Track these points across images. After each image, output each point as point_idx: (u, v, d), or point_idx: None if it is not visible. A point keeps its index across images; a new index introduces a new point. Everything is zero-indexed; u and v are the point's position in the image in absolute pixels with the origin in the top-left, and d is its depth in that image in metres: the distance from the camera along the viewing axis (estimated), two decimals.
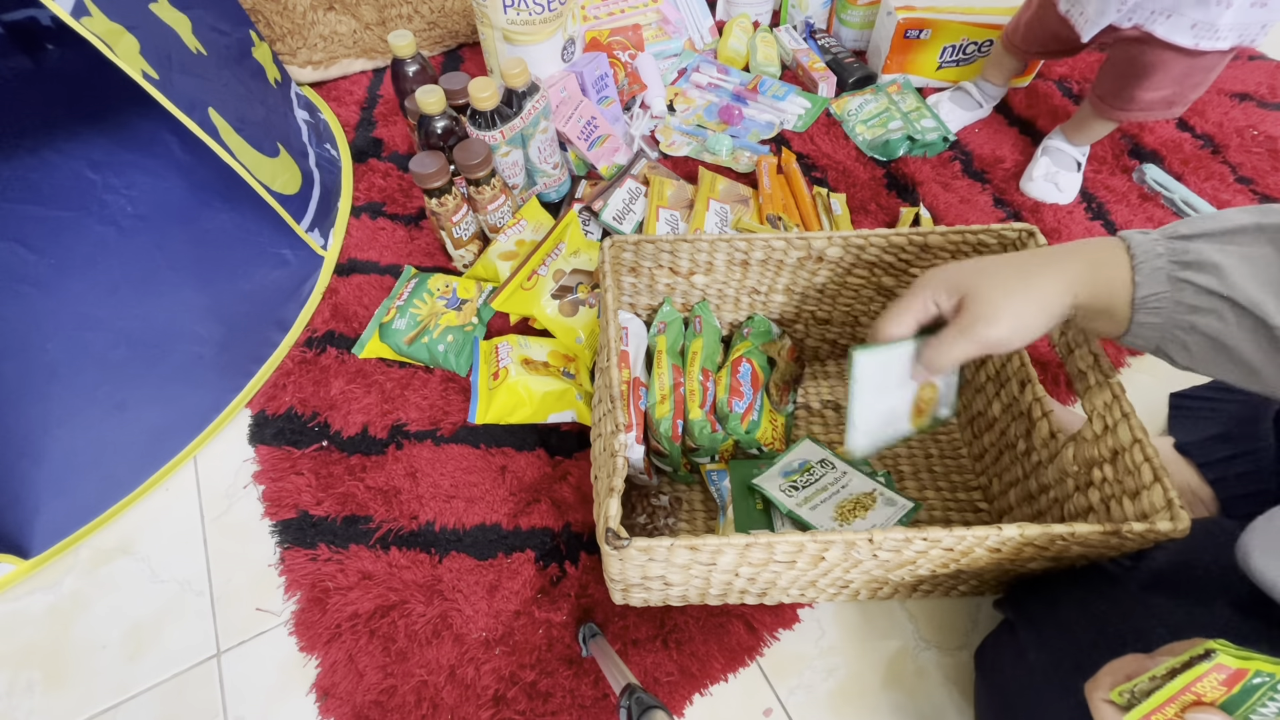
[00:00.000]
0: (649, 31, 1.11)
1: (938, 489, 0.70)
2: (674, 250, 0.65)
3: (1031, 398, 0.60)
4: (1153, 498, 0.46)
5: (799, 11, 1.21)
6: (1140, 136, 1.02)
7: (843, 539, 0.45)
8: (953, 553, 0.48)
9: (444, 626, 0.63)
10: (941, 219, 0.94)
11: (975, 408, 0.70)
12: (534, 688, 0.60)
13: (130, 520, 0.72)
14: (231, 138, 0.76)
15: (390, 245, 0.93)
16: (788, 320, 0.75)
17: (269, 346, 0.82)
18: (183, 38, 0.76)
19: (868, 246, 0.64)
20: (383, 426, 0.76)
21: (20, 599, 0.68)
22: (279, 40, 1.12)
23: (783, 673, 0.62)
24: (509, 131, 0.81)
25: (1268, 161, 0.99)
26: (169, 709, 0.61)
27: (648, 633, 0.62)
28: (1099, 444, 0.52)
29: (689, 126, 1.06)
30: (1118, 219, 0.93)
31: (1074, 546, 0.46)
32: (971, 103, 1.04)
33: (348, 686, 0.61)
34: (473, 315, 0.81)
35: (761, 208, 0.92)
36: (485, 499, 0.71)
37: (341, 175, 1.00)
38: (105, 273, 0.88)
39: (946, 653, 0.63)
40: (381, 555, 0.67)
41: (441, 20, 1.19)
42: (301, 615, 0.65)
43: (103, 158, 0.99)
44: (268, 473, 0.73)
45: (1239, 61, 1.14)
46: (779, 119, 1.06)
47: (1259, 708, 0.29)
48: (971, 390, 0.71)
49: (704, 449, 0.66)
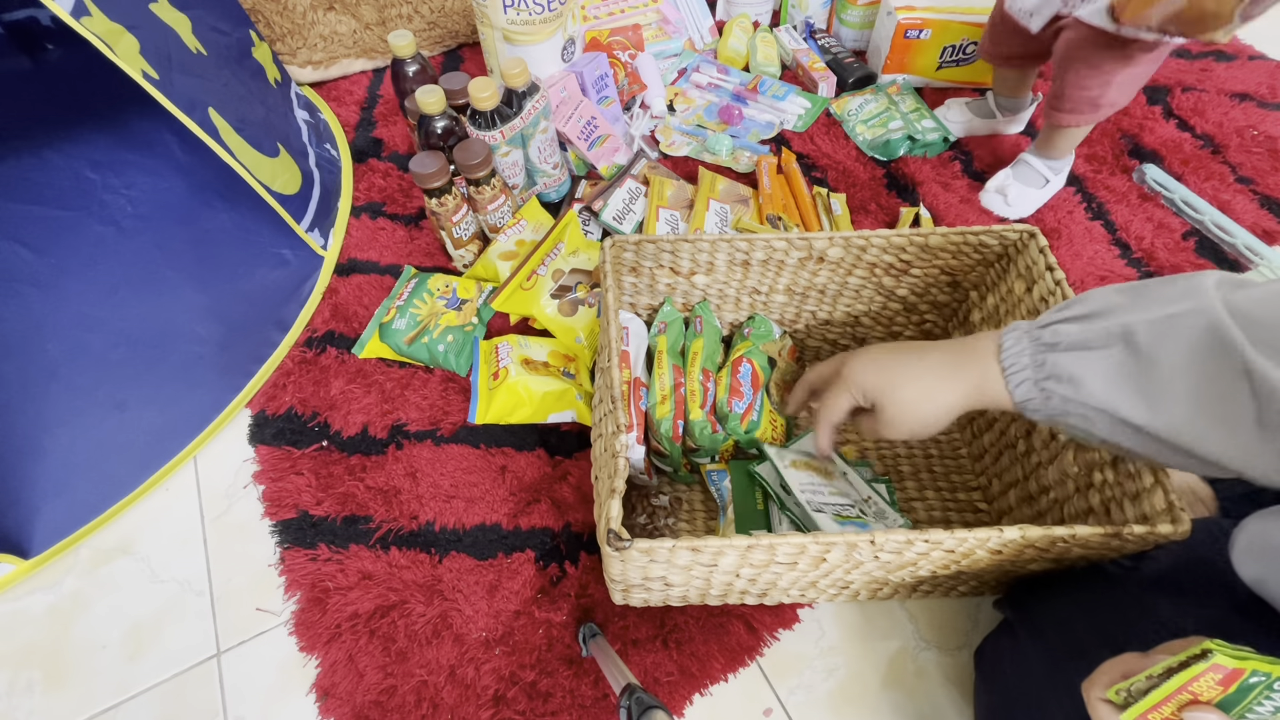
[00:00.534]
0: (649, 31, 1.11)
1: (937, 489, 0.70)
2: (675, 250, 0.65)
3: None
4: (1154, 501, 0.46)
5: (799, 11, 1.21)
6: (1140, 136, 1.02)
7: (845, 541, 0.45)
8: (954, 554, 0.48)
9: (444, 626, 0.63)
10: (941, 219, 0.94)
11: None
12: (534, 688, 0.60)
13: (130, 520, 0.72)
14: (231, 138, 0.76)
15: (390, 245, 0.93)
16: (788, 320, 0.75)
17: (269, 346, 0.82)
18: (183, 38, 0.76)
19: (869, 247, 0.64)
20: (383, 426, 0.76)
21: (20, 599, 0.68)
22: (279, 40, 1.12)
23: (783, 673, 0.62)
24: (509, 131, 0.81)
25: (1268, 161, 0.99)
26: (169, 709, 0.61)
27: (648, 633, 0.62)
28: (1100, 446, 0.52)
29: (689, 126, 1.06)
30: (1118, 219, 0.93)
31: (1075, 548, 0.46)
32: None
33: (348, 686, 0.61)
34: (473, 315, 0.81)
35: (761, 208, 0.92)
36: (485, 499, 0.71)
37: (341, 175, 1.00)
38: (105, 273, 0.88)
39: (946, 653, 0.63)
40: (381, 555, 0.67)
41: (441, 20, 1.19)
42: (301, 615, 0.65)
43: (103, 158, 0.99)
44: (268, 473, 0.73)
45: (1239, 61, 1.14)
46: (779, 119, 1.06)
47: (1255, 706, 0.29)
48: None
49: (704, 449, 0.66)
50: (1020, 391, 0.45)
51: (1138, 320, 0.40)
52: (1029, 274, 0.60)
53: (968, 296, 0.70)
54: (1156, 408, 0.40)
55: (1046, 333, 0.45)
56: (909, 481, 0.70)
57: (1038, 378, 0.44)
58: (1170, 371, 0.39)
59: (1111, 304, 0.43)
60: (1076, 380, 0.42)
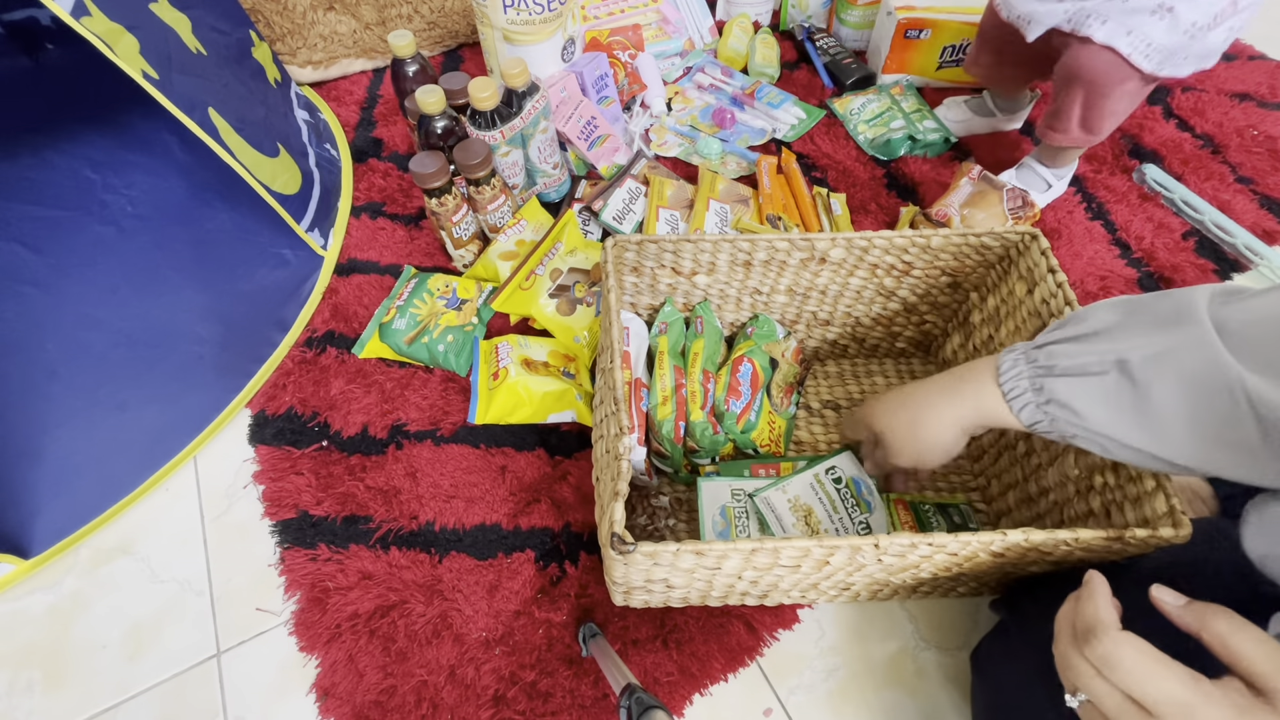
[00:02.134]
0: (649, 31, 1.11)
1: (936, 489, 0.70)
2: (676, 250, 0.65)
3: None
4: (1155, 504, 0.46)
5: (799, 11, 1.21)
6: (1140, 136, 1.02)
7: (848, 544, 0.45)
8: (956, 557, 0.48)
9: (444, 626, 0.63)
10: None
11: None
12: (534, 688, 0.60)
13: (130, 520, 0.72)
14: (231, 138, 0.76)
15: (390, 245, 0.93)
16: (789, 321, 0.75)
17: (269, 346, 0.82)
18: (183, 38, 0.76)
19: (870, 248, 0.64)
20: (383, 426, 0.76)
21: (20, 599, 0.67)
22: (279, 40, 1.12)
23: (783, 673, 0.62)
24: (509, 131, 0.81)
25: (1268, 161, 0.99)
26: (169, 709, 0.61)
27: (648, 633, 0.62)
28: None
29: (683, 127, 1.05)
30: (1118, 219, 0.93)
31: (1077, 551, 0.46)
32: (985, 108, 1.02)
33: (348, 686, 0.61)
34: (473, 315, 0.81)
35: (761, 208, 0.92)
36: (485, 499, 0.71)
37: (341, 175, 0.99)
38: (105, 273, 0.88)
39: (946, 653, 0.63)
40: (381, 555, 0.67)
41: (441, 20, 1.19)
42: (301, 615, 0.65)
43: (103, 158, 0.99)
44: (268, 473, 0.73)
45: (1239, 61, 1.14)
46: (771, 126, 1.05)
47: None
48: None
49: (705, 450, 0.66)
50: (1025, 415, 0.46)
51: (1132, 349, 0.41)
52: (1030, 276, 0.60)
53: (968, 298, 0.70)
54: (1158, 435, 0.40)
55: (1042, 354, 0.45)
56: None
57: (1039, 401, 0.45)
58: (1167, 404, 0.39)
59: (1107, 324, 0.43)
60: (1077, 411, 0.43)
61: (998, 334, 0.65)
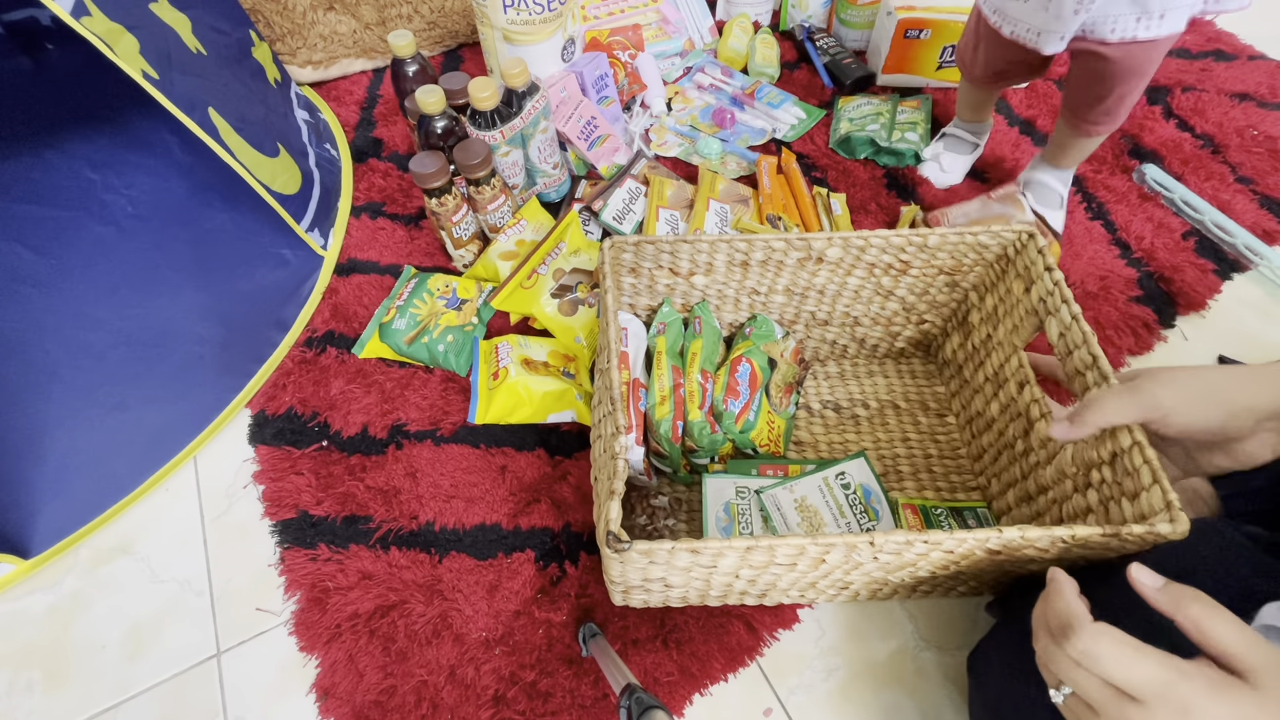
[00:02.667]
0: (649, 31, 1.11)
1: (936, 489, 0.70)
2: (674, 251, 0.65)
3: (1030, 398, 0.60)
4: (1152, 500, 0.46)
5: (799, 11, 1.21)
6: (1140, 136, 1.02)
7: (844, 542, 0.45)
8: (953, 555, 0.48)
9: (444, 626, 0.63)
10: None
11: (974, 408, 0.70)
12: (534, 688, 0.60)
13: (130, 520, 0.72)
14: (231, 138, 0.76)
15: (390, 245, 0.93)
16: (787, 320, 0.75)
17: (269, 346, 0.82)
18: (182, 37, 0.76)
19: (868, 247, 0.64)
20: (383, 426, 0.76)
21: (20, 599, 0.68)
22: (279, 40, 1.12)
23: (783, 673, 0.62)
24: (509, 131, 0.81)
25: (1268, 161, 0.99)
26: (169, 709, 0.62)
27: (648, 633, 0.62)
28: (1098, 446, 0.52)
29: (683, 127, 1.05)
30: (1118, 219, 0.93)
31: (1074, 548, 0.46)
32: (966, 146, 0.99)
33: (348, 686, 0.61)
34: (473, 315, 0.81)
35: (761, 208, 0.92)
36: (485, 499, 0.71)
37: (341, 175, 1.00)
38: (105, 273, 0.88)
39: (946, 653, 0.63)
40: (381, 555, 0.67)
41: (441, 20, 1.19)
42: (301, 615, 0.65)
43: (103, 158, 0.99)
44: (268, 473, 0.73)
45: (1239, 61, 1.14)
46: (771, 126, 1.05)
47: None
48: (970, 391, 0.71)
49: (703, 450, 0.66)
50: None
51: None
52: (1027, 274, 0.60)
53: (966, 296, 0.70)
54: None
55: None
56: (908, 481, 0.70)
57: None
58: None
59: None
60: None
61: (996, 333, 0.65)
